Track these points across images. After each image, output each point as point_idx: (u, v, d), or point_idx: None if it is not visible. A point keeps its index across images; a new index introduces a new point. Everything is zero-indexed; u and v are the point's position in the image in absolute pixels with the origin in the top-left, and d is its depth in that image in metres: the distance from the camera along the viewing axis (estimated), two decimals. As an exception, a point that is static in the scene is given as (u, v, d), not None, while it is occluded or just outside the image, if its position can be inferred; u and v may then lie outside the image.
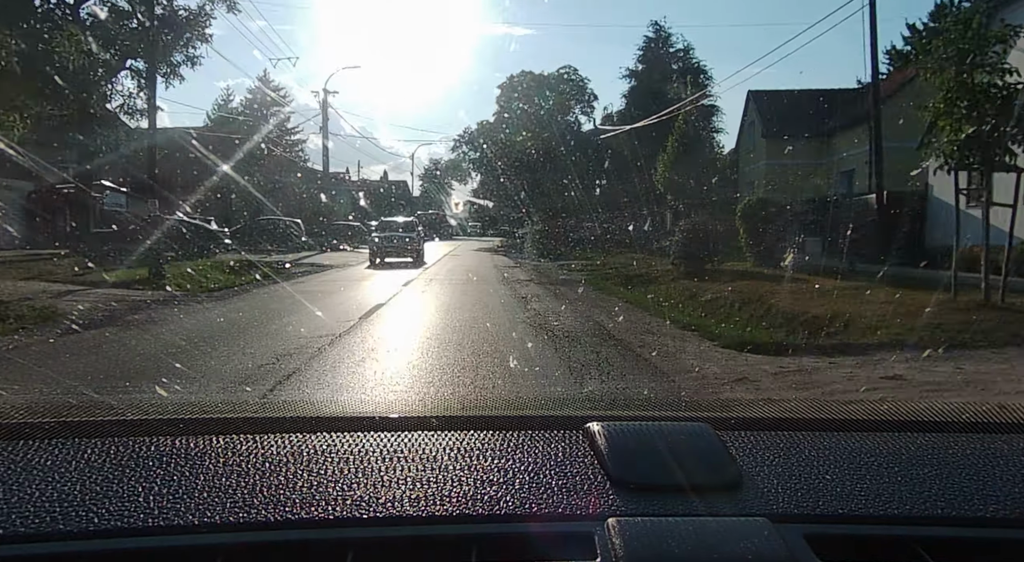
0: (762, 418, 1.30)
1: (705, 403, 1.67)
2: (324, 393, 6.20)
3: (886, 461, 1.08)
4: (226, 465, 1.01)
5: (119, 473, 0.99)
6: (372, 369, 7.19)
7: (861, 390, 6.02)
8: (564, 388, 6.05)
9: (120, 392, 5.56)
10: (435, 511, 0.91)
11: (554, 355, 7.90)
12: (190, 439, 1.10)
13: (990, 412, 1.33)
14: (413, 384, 6.38)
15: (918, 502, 0.96)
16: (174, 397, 3.52)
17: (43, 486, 0.94)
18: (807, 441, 1.16)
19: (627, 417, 1.19)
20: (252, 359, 7.35)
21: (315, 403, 2.24)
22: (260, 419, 1.27)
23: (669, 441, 1.05)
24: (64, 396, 5.06)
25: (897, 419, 1.33)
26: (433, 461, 1.03)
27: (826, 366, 7.19)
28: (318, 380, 6.57)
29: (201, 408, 1.48)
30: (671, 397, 2.10)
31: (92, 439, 1.09)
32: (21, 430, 1.13)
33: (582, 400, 1.69)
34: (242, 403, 1.51)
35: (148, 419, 1.23)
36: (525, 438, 1.13)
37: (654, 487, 0.96)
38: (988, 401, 4.02)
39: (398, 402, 2.43)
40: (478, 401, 1.56)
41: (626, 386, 6.33)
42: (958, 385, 6.19)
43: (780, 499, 0.96)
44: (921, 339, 7.89)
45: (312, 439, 1.10)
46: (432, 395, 5.92)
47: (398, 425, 1.17)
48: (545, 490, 0.96)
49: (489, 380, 6.39)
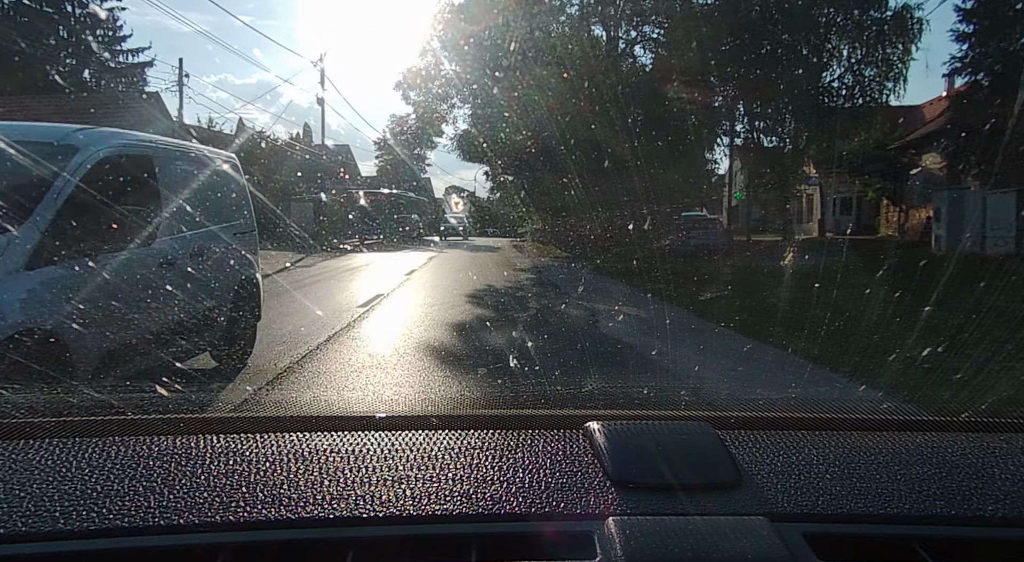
0: (762, 418, 1.30)
1: (705, 402, 1.67)
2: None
3: (886, 461, 1.08)
4: (226, 465, 1.01)
5: (119, 473, 0.99)
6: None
7: (861, 389, 6.01)
8: (563, 387, 5.98)
9: (120, 391, 5.55)
10: (435, 510, 0.91)
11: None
12: (190, 439, 1.10)
13: (990, 412, 1.33)
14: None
15: (918, 502, 0.96)
16: (174, 396, 3.52)
17: (43, 486, 0.94)
18: (807, 441, 1.15)
19: (627, 416, 1.19)
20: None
21: (315, 403, 2.23)
22: (260, 419, 1.27)
23: (669, 440, 1.05)
24: (64, 396, 5.04)
25: (897, 419, 1.33)
26: (433, 460, 1.03)
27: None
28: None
29: (201, 408, 1.48)
30: (671, 396, 2.08)
31: (92, 439, 1.09)
32: (21, 430, 1.13)
33: (582, 399, 1.69)
34: (242, 403, 1.51)
35: (148, 419, 1.23)
36: (525, 437, 1.12)
37: (654, 486, 0.96)
38: (988, 401, 3.93)
39: (398, 401, 2.43)
40: (478, 400, 1.56)
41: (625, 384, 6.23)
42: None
43: (780, 499, 0.96)
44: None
45: (312, 439, 1.10)
46: (432, 394, 5.91)
47: (398, 424, 1.17)
48: (545, 489, 0.96)
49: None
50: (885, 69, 26.37)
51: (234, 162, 7.13)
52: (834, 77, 27.33)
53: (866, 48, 26.28)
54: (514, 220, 46.01)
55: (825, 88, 27.11)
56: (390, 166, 53.85)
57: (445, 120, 32.46)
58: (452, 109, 31.64)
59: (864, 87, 26.96)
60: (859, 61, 26.71)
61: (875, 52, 26.28)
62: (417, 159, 48.05)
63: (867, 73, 26.79)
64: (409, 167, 50.10)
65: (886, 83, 26.59)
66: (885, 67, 26.35)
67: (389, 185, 46.40)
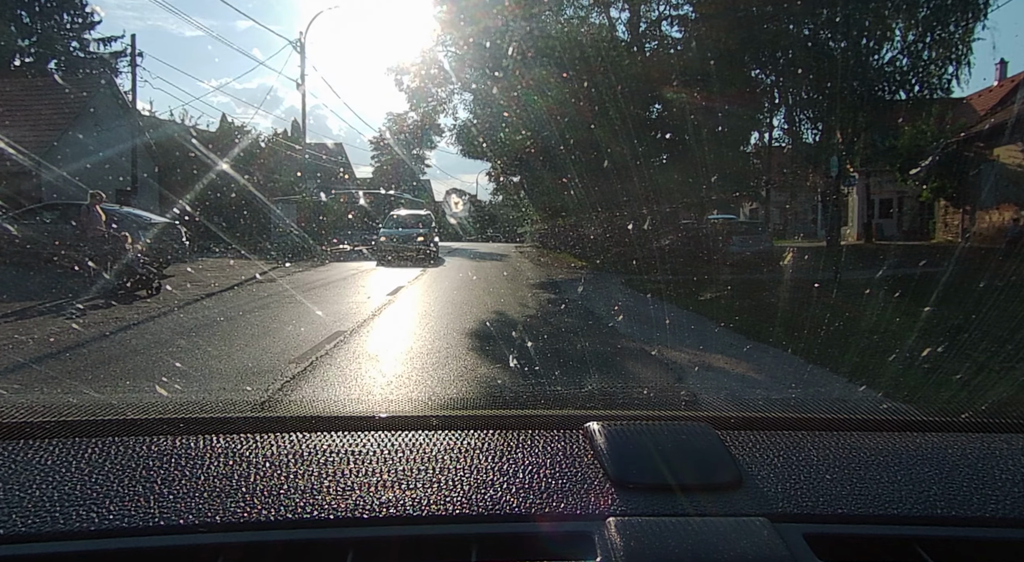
0: (762, 418, 1.30)
1: (705, 402, 1.67)
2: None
3: (886, 461, 1.08)
4: (226, 465, 1.01)
5: (119, 473, 0.99)
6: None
7: (860, 389, 5.99)
8: (563, 387, 5.93)
9: (120, 392, 5.55)
10: (435, 511, 0.91)
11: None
12: (190, 439, 1.10)
13: (990, 412, 1.33)
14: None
15: (918, 502, 0.96)
16: (174, 397, 3.51)
17: (43, 486, 0.94)
18: (807, 441, 1.15)
19: (627, 417, 1.19)
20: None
21: (315, 403, 2.23)
22: (260, 419, 1.27)
23: (669, 441, 1.05)
24: (64, 396, 5.04)
25: (897, 419, 1.33)
26: (433, 461, 1.03)
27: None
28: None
29: (201, 408, 1.48)
30: (671, 396, 2.08)
31: (92, 439, 1.09)
32: (21, 430, 1.13)
33: (582, 399, 1.68)
34: (242, 403, 1.51)
35: (148, 419, 1.23)
36: (525, 437, 1.12)
37: (654, 487, 0.96)
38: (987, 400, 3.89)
39: (398, 401, 2.42)
40: (478, 400, 1.56)
41: (625, 384, 6.12)
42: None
43: (780, 499, 0.96)
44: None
45: (312, 439, 1.10)
46: (432, 395, 5.88)
47: (398, 425, 1.17)
48: (545, 490, 0.96)
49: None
50: (945, 51, 21.63)
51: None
52: (884, 61, 22.57)
53: (923, 27, 21.54)
54: (514, 220, 45.17)
55: (877, 72, 22.43)
56: (388, 167, 52.74)
57: (444, 109, 29.89)
58: (451, 96, 29.20)
59: (921, 72, 22.45)
60: (915, 40, 22.12)
61: (933, 31, 21.59)
62: (416, 159, 46.64)
63: (924, 56, 22.16)
64: (408, 167, 48.44)
65: (947, 67, 22.09)
66: (945, 49, 21.70)
67: (387, 186, 44.63)
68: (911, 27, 22.12)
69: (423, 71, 28.05)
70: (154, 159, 26.73)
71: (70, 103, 23.00)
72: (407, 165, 48.83)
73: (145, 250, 13.93)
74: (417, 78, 28.53)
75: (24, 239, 15.01)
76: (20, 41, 32.82)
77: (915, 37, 22.29)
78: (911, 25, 22.03)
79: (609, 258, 21.81)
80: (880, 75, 22.70)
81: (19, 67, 31.81)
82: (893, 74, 22.87)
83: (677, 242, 21.19)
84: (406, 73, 28.67)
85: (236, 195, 25.51)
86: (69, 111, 22.79)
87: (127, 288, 12.23)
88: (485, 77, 24.38)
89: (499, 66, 22.59)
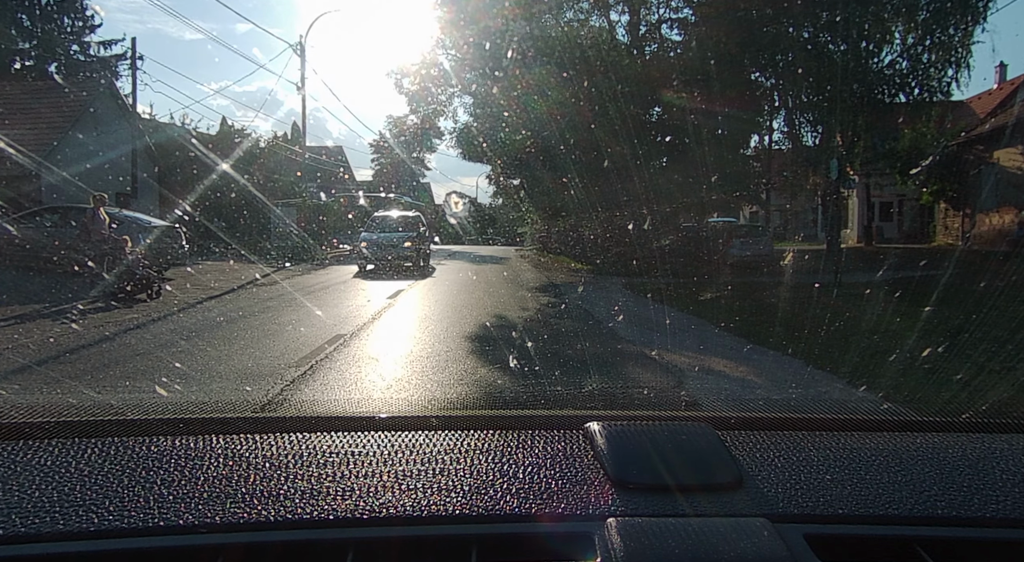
0: (762, 418, 1.30)
1: (705, 403, 1.67)
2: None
3: (886, 461, 1.08)
4: (226, 465, 1.01)
5: (119, 473, 0.99)
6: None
7: (861, 390, 5.98)
8: (563, 387, 5.91)
9: (120, 392, 5.54)
10: (435, 511, 0.91)
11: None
12: (190, 439, 1.10)
13: (990, 412, 1.33)
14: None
15: (918, 502, 0.96)
16: (174, 397, 3.51)
17: (43, 486, 0.94)
18: (807, 441, 1.15)
19: (627, 417, 1.19)
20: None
21: (315, 403, 2.22)
22: (260, 419, 1.26)
23: (669, 441, 1.05)
24: (64, 396, 5.04)
25: (897, 419, 1.33)
26: (433, 461, 1.03)
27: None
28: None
29: (201, 408, 1.48)
30: (671, 397, 2.08)
31: (92, 439, 1.09)
32: (21, 430, 1.13)
33: (582, 400, 1.68)
34: (242, 403, 1.51)
35: (148, 419, 1.23)
36: (525, 438, 1.12)
37: (654, 487, 0.96)
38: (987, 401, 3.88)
39: (398, 402, 2.42)
40: (478, 400, 1.56)
41: (625, 385, 6.09)
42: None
43: (780, 499, 0.96)
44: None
45: (312, 439, 1.10)
46: (432, 397, 5.86)
47: (398, 425, 1.17)
48: (545, 490, 0.96)
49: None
50: (945, 54, 21.47)
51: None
52: (884, 64, 22.44)
53: (922, 30, 21.31)
54: (513, 220, 44.89)
55: (876, 75, 22.36)
56: (388, 169, 52.51)
57: (444, 112, 29.74)
58: (452, 99, 29.00)
59: (920, 75, 22.23)
60: (915, 43, 22.10)
61: (933, 33, 21.43)
62: (417, 162, 46.41)
63: (924, 58, 21.97)
64: (408, 170, 47.87)
65: (946, 69, 21.90)
66: (944, 52, 21.54)
67: (388, 188, 43.77)
68: (911, 30, 22.09)
69: (423, 73, 28.01)
70: (154, 161, 26.61)
71: (70, 105, 22.86)
72: (407, 168, 48.78)
73: (145, 253, 13.96)
74: (417, 80, 28.50)
75: (25, 241, 15.03)
76: (21, 44, 32.67)
77: (915, 40, 22.25)
78: (911, 28, 22.02)
79: (609, 259, 21.88)
80: (880, 78, 22.70)
81: (20, 70, 31.71)
82: (893, 77, 22.85)
83: (677, 244, 21.06)
84: (406, 75, 28.71)
85: (236, 197, 25.35)
86: (69, 113, 22.63)
87: (128, 291, 12.23)
88: (485, 78, 24.30)
89: (499, 67, 22.57)
